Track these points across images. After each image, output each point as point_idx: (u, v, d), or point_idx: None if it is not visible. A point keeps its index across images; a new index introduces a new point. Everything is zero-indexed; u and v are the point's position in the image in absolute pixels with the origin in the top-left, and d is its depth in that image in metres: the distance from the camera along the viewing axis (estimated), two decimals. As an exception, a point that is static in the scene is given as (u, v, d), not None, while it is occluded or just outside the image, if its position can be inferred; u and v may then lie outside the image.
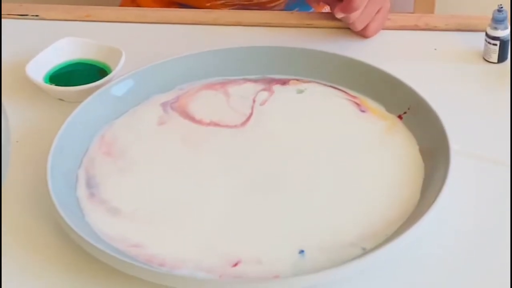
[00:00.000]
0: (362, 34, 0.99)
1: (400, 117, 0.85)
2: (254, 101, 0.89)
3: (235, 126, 0.85)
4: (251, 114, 0.87)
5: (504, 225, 0.74)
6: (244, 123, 0.86)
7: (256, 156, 0.82)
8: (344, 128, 0.85)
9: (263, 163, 0.81)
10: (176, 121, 0.87)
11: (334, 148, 0.82)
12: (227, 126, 0.85)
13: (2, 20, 1.04)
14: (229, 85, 0.91)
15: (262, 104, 0.88)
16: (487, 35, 0.94)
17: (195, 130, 0.85)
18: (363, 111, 0.86)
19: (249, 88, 0.90)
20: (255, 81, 0.91)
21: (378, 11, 0.97)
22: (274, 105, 0.88)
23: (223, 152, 0.83)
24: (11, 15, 1.05)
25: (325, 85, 0.90)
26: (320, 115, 0.87)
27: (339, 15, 0.96)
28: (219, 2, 1.16)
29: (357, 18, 0.96)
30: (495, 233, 0.74)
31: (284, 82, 0.91)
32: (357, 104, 0.87)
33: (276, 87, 0.90)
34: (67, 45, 0.96)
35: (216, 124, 0.86)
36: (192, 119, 0.87)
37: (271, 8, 1.18)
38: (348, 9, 0.95)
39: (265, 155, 0.82)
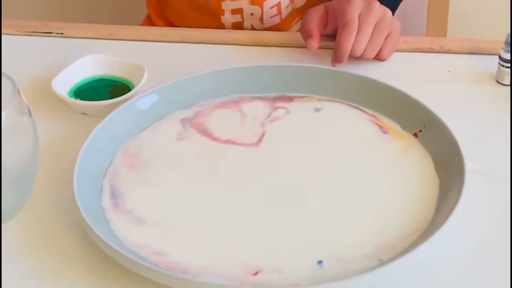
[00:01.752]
0: (377, 58, 1.01)
1: (415, 135, 0.87)
2: (267, 119, 0.91)
3: (251, 145, 0.88)
4: (264, 133, 0.89)
5: (516, 240, 0.76)
6: (258, 142, 0.88)
7: (275, 171, 0.84)
8: (362, 147, 0.87)
9: (282, 177, 0.83)
10: (194, 137, 0.89)
11: (352, 165, 0.85)
12: (243, 144, 0.88)
13: (29, 37, 1.07)
14: (242, 103, 0.93)
15: (272, 121, 0.90)
16: (500, 58, 0.97)
17: (213, 147, 0.88)
18: (385, 132, 0.88)
19: (260, 106, 0.93)
20: (263, 98, 0.94)
21: (387, 36, 1.00)
22: (292, 124, 0.91)
23: (241, 167, 0.85)
24: (37, 33, 1.08)
25: (341, 103, 0.93)
26: (339, 134, 0.89)
27: (336, 66, 0.97)
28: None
29: (363, 51, 0.98)
30: (508, 248, 0.76)
31: (290, 99, 0.93)
32: (380, 126, 0.89)
33: (292, 106, 0.92)
34: (91, 61, 0.99)
35: (233, 142, 0.88)
36: (209, 136, 0.89)
37: None
38: (339, 59, 0.97)
39: (283, 171, 0.84)
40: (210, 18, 1.16)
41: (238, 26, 1.17)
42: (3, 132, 0.71)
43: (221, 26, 1.17)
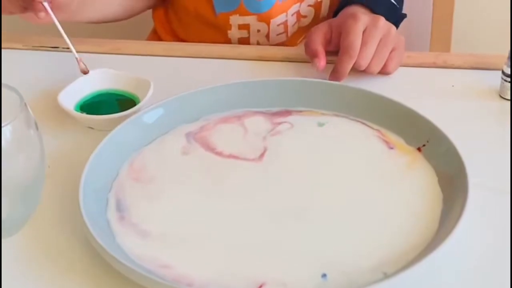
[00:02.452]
0: (383, 72, 1.01)
1: (419, 149, 0.88)
2: (268, 134, 0.91)
3: (253, 160, 0.88)
4: (266, 147, 0.89)
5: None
6: (261, 157, 0.88)
7: (278, 185, 0.85)
8: (367, 161, 0.87)
9: (286, 192, 0.84)
10: (198, 152, 0.89)
11: (356, 179, 0.85)
12: (246, 159, 0.88)
13: (36, 51, 1.08)
14: (244, 118, 0.94)
15: (275, 135, 0.91)
16: (503, 73, 0.97)
17: (217, 162, 0.88)
18: (391, 148, 0.88)
19: (261, 121, 0.93)
20: (263, 113, 0.94)
21: (393, 50, 1.00)
22: (296, 138, 0.91)
23: (245, 182, 0.85)
24: (44, 47, 1.09)
25: (345, 117, 0.93)
26: (343, 149, 0.90)
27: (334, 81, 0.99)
28: None
29: (369, 65, 0.99)
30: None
31: (288, 113, 0.94)
32: (386, 142, 0.89)
33: (295, 120, 0.93)
34: (97, 76, 1.00)
35: (236, 157, 0.89)
36: (212, 151, 0.90)
37: None
38: (338, 76, 0.98)
39: (287, 185, 0.85)
40: (217, 32, 1.18)
41: (244, 41, 1.18)
42: (10, 145, 0.71)
43: (228, 41, 1.18)
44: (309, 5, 1.17)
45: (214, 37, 1.16)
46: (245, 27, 1.16)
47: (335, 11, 1.13)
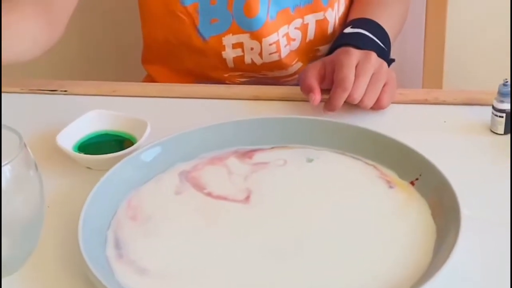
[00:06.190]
0: (376, 107, 1.02)
1: (412, 183, 0.89)
2: (251, 173, 0.92)
3: (241, 201, 0.89)
4: (251, 188, 0.90)
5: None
6: (247, 198, 0.89)
7: (272, 224, 0.85)
8: (361, 197, 0.89)
9: (281, 229, 0.85)
10: (189, 192, 0.90)
11: (349, 215, 0.86)
12: (234, 200, 0.89)
13: (34, 95, 1.10)
14: (225, 159, 0.95)
15: (254, 172, 0.92)
16: (493, 107, 0.99)
17: (207, 202, 0.89)
18: (391, 187, 0.89)
19: (238, 161, 0.94)
20: (236, 152, 0.95)
21: (385, 84, 1.02)
22: (285, 175, 0.92)
23: (236, 223, 0.86)
24: (41, 91, 1.11)
25: (338, 153, 0.94)
26: (336, 184, 0.91)
27: (327, 113, 1.00)
28: (236, 74, 1.21)
29: (362, 99, 1.00)
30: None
31: (258, 151, 0.95)
32: (388, 181, 0.90)
33: (283, 154, 0.94)
34: (94, 117, 1.01)
35: (224, 198, 0.89)
36: (202, 191, 0.90)
37: (284, 83, 1.23)
38: (331, 108, 1.00)
39: (280, 223, 0.85)
40: (211, 56, 1.19)
41: (239, 60, 1.19)
42: (10, 185, 0.73)
43: (223, 62, 1.19)
44: (296, 28, 1.19)
45: (209, 61, 1.19)
46: (239, 45, 1.17)
47: (328, 52, 1.15)
